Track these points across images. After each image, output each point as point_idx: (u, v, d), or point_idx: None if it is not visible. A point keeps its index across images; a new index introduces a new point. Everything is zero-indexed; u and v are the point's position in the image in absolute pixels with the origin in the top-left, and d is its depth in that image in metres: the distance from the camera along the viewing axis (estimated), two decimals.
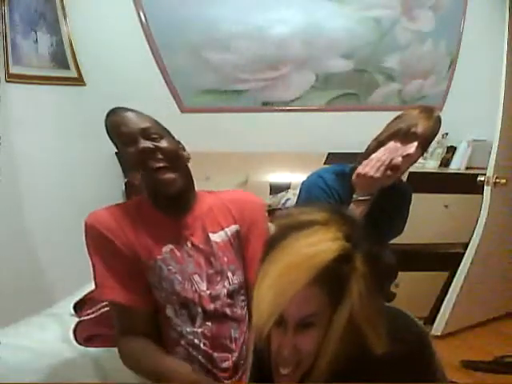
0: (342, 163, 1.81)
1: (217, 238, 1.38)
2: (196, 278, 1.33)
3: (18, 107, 2.41)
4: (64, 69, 2.89)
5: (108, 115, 1.32)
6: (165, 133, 1.34)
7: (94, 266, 1.31)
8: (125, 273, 1.30)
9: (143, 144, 1.25)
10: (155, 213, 1.36)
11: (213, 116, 3.20)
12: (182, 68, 3.13)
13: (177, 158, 1.31)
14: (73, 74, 2.95)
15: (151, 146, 1.25)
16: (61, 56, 2.87)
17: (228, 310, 1.35)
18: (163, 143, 1.28)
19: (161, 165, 1.26)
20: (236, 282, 1.38)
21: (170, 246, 1.34)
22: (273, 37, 3.12)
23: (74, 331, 1.61)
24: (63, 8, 2.87)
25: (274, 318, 0.82)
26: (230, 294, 1.36)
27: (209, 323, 1.32)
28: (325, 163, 3.01)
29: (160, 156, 1.26)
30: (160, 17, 3.10)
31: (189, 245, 1.35)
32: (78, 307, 1.76)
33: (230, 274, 1.37)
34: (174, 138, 1.37)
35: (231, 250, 1.40)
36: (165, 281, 1.31)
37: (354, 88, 3.27)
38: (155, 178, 1.27)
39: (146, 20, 3.09)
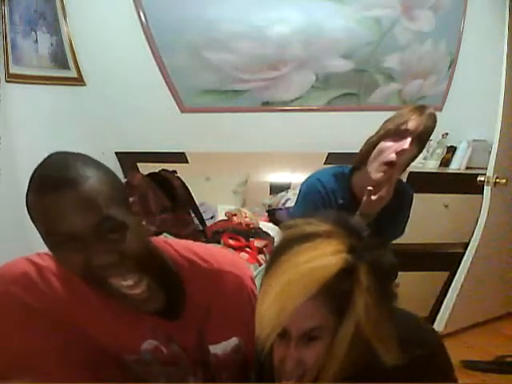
0: (343, 163, 1.81)
1: (218, 350, 1.04)
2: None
3: (17, 107, 2.40)
4: (64, 69, 2.89)
5: (40, 186, 0.78)
6: (126, 208, 0.85)
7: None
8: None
9: (99, 258, 0.79)
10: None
11: (213, 116, 3.19)
12: (182, 68, 3.13)
13: (147, 259, 0.85)
14: (73, 74, 2.95)
15: (112, 259, 0.79)
16: (61, 56, 2.86)
17: None
18: (128, 239, 0.81)
19: (124, 283, 0.83)
20: None
21: (153, 342, 0.95)
22: (273, 37, 3.12)
23: None
24: (63, 8, 2.87)
25: (275, 333, 0.82)
26: None
27: None
28: (325, 163, 3.01)
29: (122, 269, 0.82)
30: (160, 17, 3.10)
31: (176, 345, 0.98)
32: None
33: None
34: (128, 205, 0.87)
35: (233, 366, 1.07)
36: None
37: (354, 88, 3.27)
38: (119, 294, 0.85)
39: (145, 20, 3.09)
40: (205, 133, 3.08)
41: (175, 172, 2.46)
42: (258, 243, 2.32)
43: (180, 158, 2.81)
